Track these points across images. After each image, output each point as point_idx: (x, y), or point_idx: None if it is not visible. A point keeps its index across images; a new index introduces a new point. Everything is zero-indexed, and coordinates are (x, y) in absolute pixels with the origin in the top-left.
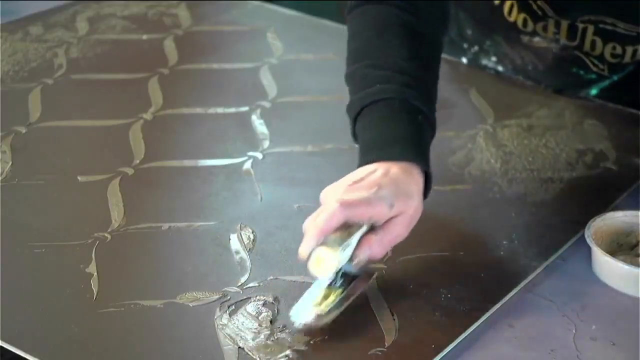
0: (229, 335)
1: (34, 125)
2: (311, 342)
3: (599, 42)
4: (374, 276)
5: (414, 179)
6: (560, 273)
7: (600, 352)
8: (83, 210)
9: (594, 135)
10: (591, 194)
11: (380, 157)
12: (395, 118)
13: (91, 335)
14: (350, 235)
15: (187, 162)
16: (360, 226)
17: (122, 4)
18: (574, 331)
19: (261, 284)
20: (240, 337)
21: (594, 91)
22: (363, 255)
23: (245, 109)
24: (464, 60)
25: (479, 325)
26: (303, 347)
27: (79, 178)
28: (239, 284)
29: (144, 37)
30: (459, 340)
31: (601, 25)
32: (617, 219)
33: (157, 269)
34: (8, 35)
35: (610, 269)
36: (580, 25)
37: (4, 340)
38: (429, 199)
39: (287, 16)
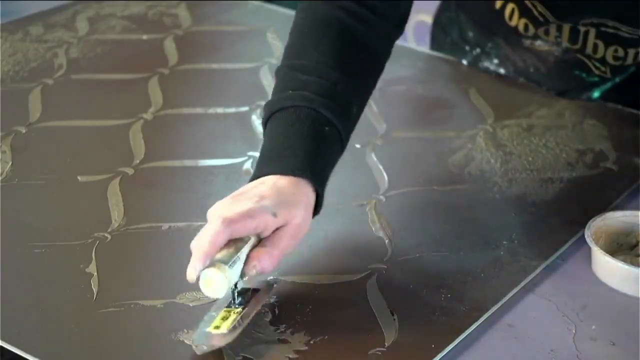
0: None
1: (34, 125)
2: (311, 342)
3: (600, 45)
4: (274, 287)
5: (302, 191)
6: (560, 273)
7: (600, 352)
8: (83, 210)
9: (594, 135)
10: (591, 194)
11: (270, 171)
12: (296, 128)
13: (91, 335)
14: (237, 250)
15: (187, 162)
16: (246, 240)
17: (122, 4)
18: (573, 331)
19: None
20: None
21: (596, 94)
22: (252, 271)
23: (245, 109)
24: (465, 62)
25: (479, 325)
26: (303, 347)
27: (79, 178)
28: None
29: (144, 37)
30: (459, 340)
31: (603, 29)
32: (617, 219)
33: (157, 269)
34: (8, 35)
35: (610, 269)
36: (582, 29)
37: (3, 340)
38: (428, 197)
39: (287, 16)
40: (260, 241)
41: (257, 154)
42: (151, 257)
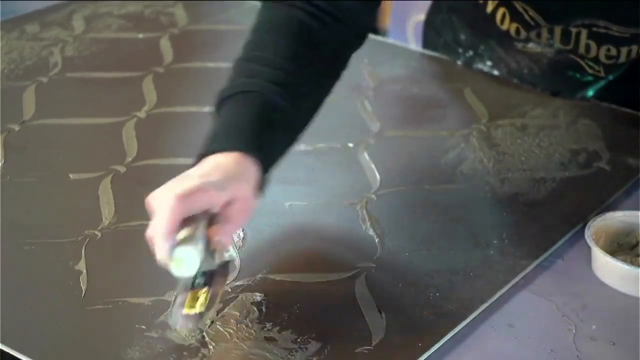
0: (216, 332)
1: (27, 123)
2: (298, 340)
3: (593, 45)
4: (230, 267)
5: (246, 167)
6: (560, 273)
7: (600, 352)
8: (74, 208)
9: (588, 135)
10: (584, 193)
11: (214, 149)
12: (244, 111)
13: (79, 331)
14: (195, 229)
15: (180, 160)
16: (200, 219)
17: (119, 3)
18: (573, 331)
19: (250, 282)
20: (228, 334)
21: (590, 92)
22: (216, 245)
23: None
24: (459, 63)
25: (478, 325)
26: (291, 345)
27: (70, 176)
28: (228, 282)
29: (140, 35)
30: (446, 339)
31: (594, 29)
32: (617, 219)
33: (146, 267)
34: (4, 33)
35: (610, 269)
36: (574, 30)
37: None
38: (419, 196)
39: None
40: (210, 220)
41: None
42: (141, 255)
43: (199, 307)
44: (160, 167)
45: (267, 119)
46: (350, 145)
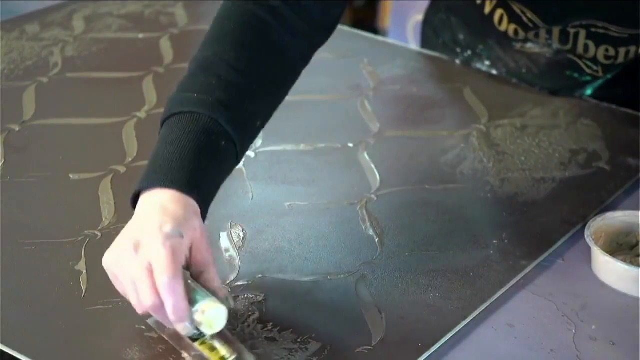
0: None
1: (27, 123)
2: (299, 340)
3: (591, 45)
4: (232, 305)
5: (188, 203)
6: (560, 273)
7: (600, 352)
8: (74, 208)
9: (588, 135)
10: (584, 193)
11: (156, 183)
12: (191, 138)
13: (78, 332)
14: (196, 286)
15: None
16: (188, 276)
17: (119, 3)
18: (573, 331)
19: (250, 282)
20: (228, 334)
21: (588, 91)
22: (221, 291)
23: None
24: (458, 62)
25: (478, 325)
26: (291, 345)
27: (70, 176)
28: (228, 282)
29: (140, 36)
30: (446, 339)
31: (593, 30)
32: (617, 218)
33: None
34: (5, 33)
35: (610, 269)
36: (572, 31)
37: None
38: (419, 197)
39: None
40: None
41: (249, 153)
42: None
43: (229, 354)
44: None
45: (215, 151)
46: (350, 145)
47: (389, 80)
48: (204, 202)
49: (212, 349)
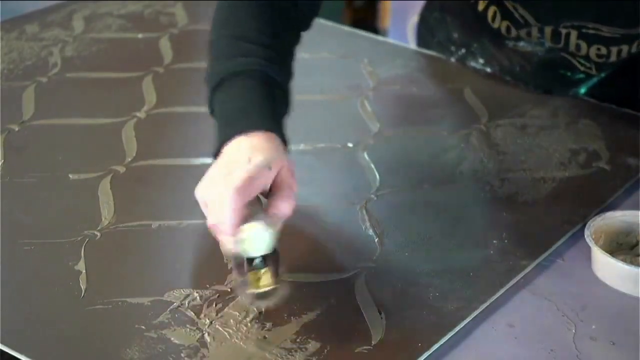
0: (216, 332)
1: (27, 123)
2: (298, 339)
3: (583, 45)
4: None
5: (276, 142)
6: (560, 273)
7: (600, 352)
8: (73, 208)
9: (588, 135)
10: (583, 193)
11: (240, 130)
12: (255, 90)
13: (78, 332)
14: (256, 212)
15: (179, 161)
16: (257, 202)
17: (119, 3)
18: (573, 331)
19: None
20: (228, 334)
21: (582, 90)
22: (278, 222)
23: None
24: (453, 60)
25: (478, 325)
26: (290, 345)
27: (70, 176)
28: (228, 281)
29: (140, 35)
30: (446, 339)
31: (584, 30)
32: (617, 218)
33: (146, 267)
34: (4, 33)
35: (610, 269)
36: (564, 31)
37: None
38: (419, 196)
39: None
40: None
41: None
42: (140, 255)
43: (263, 286)
44: (159, 167)
45: (273, 96)
46: (350, 145)
47: (389, 80)
48: (283, 139)
49: (257, 278)
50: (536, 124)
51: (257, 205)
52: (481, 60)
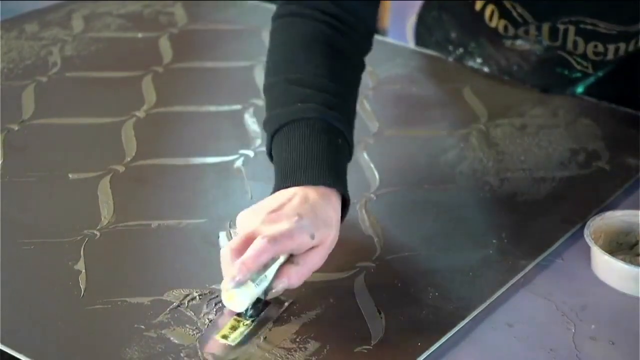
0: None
1: (26, 123)
2: (297, 339)
3: (580, 42)
4: (286, 304)
5: (332, 204)
6: (559, 272)
7: (599, 352)
8: (73, 208)
9: (588, 135)
10: (583, 193)
11: (298, 181)
12: (314, 139)
13: (77, 331)
14: (266, 269)
15: (178, 160)
16: (276, 258)
17: (118, 3)
18: (573, 330)
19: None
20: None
21: (580, 89)
22: (281, 287)
23: (238, 107)
24: (451, 60)
25: (478, 324)
26: (290, 345)
27: (69, 175)
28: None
29: (139, 35)
30: (446, 339)
31: (582, 26)
32: (617, 218)
33: (145, 267)
34: (4, 33)
35: (610, 268)
36: (562, 27)
37: None
38: (419, 196)
39: None
40: (291, 256)
41: (248, 152)
42: (139, 255)
43: (232, 338)
44: (158, 166)
45: (337, 147)
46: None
47: (389, 80)
48: (345, 192)
49: (234, 327)
50: (536, 124)
51: (273, 266)
52: (479, 60)
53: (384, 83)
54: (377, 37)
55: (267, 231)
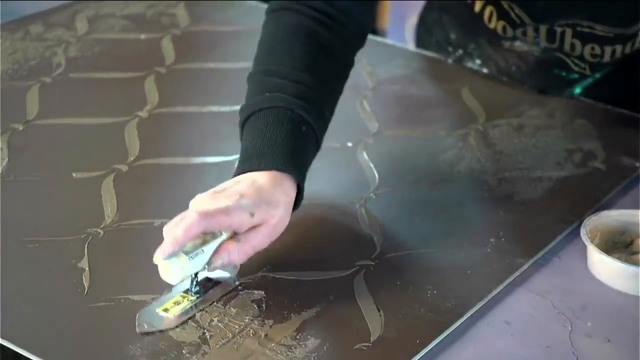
0: (217, 329)
1: (31, 123)
2: (297, 337)
3: (578, 44)
4: (236, 284)
5: (283, 188)
6: (556, 271)
7: (595, 349)
8: (76, 207)
9: (584, 135)
10: (579, 192)
11: (252, 167)
12: (276, 127)
13: (81, 328)
14: (204, 243)
15: (181, 160)
16: (217, 235)
17: (122, 4)
18: (569, 328)
19: (250, 279)
20: (229, 331)
21: (577, 90)
22: (219, 262)
23: (239, 107)
24: (450, 61)
25: (475, 322)
26: (290, 342)
27: (73, 175)
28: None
29: (142, 36)
30: (444, 336)
31: (579, 28)
32: (613, 217)
33: (148, 265)
34: (8, 34)
35: (605, 267)
36: (559, 29)
37: None
38: (418, 195)
39: None
40: (235, 234)
41: None
42: (142, 253)
43: (172, 312)
44: (161, 166)
45: (299, 135)
46: (349, 144)
47: (388, 81)
48: (301, 179)
49: (177, 302)
50: (533, 124)
51: (212, 241)
52: (478, 61)
53: (383, 83)
54: (377, 38)
55: (201, 207)
